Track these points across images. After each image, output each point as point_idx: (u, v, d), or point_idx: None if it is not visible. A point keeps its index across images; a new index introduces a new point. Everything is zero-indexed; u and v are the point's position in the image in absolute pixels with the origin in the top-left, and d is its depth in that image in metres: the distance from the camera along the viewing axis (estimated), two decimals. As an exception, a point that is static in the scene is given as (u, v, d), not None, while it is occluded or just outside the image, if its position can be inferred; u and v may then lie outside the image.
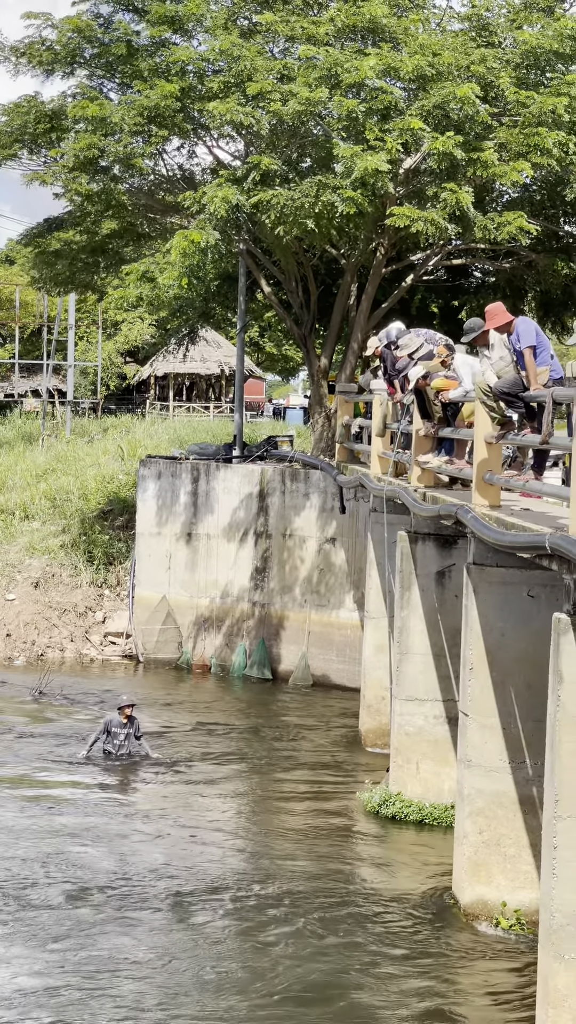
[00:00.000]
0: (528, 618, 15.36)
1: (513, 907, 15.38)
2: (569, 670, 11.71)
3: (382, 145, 23.86)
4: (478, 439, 15.83)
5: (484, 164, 24.35)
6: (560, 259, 28.96)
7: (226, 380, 65.66)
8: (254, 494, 29.78)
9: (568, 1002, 11.66)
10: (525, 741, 15.41)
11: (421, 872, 17.32)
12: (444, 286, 33.44)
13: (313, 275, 30.47)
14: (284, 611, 29.27)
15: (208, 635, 30.01)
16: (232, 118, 24.99)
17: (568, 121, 24.62)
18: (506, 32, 27.23)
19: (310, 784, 21.15)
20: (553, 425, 14.00)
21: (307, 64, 25.24)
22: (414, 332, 20.84)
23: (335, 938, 15.00)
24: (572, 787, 11.73)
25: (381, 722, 22.92)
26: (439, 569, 19.60)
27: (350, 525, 28.39)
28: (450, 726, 19.04)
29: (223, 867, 17.22)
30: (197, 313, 34.69)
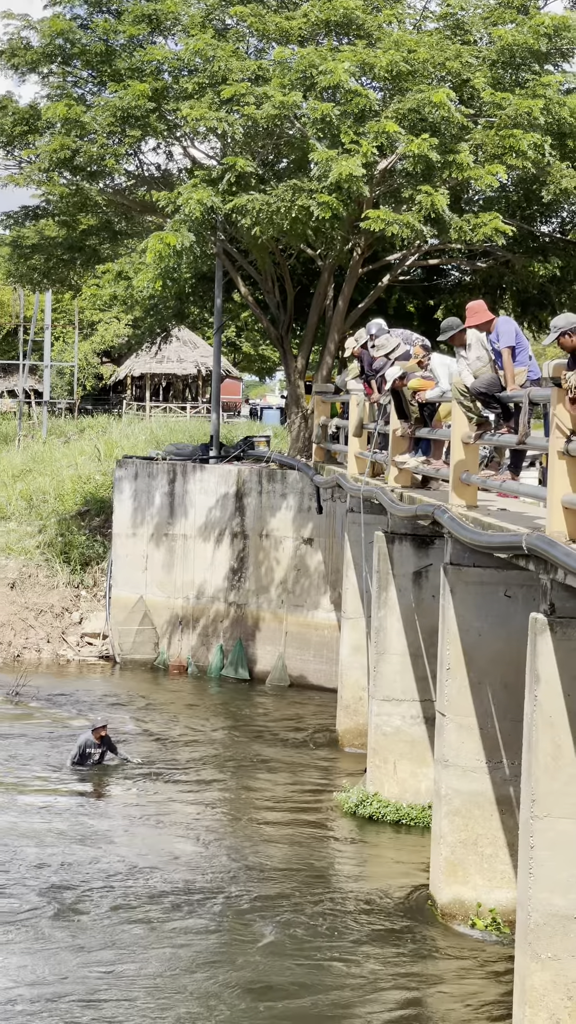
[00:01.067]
0: (505, 618, 15.38)
1: (490, 907, 15.39)
2: (546, 670, 11.73)
3: (357, 148, 23.86)
4: (455, 439, 15.85)
5: (460, 166, 24.37)
6: (536, 259, 29.01)
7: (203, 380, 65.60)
8: (231, 494, 29.77)
9: (545, 1001, 11.68)
10: (502, 741, 15.42)
11: (398, 872, 17.32)
12: (421, 286, 33.46)
13: (290, 275, 30.47)
14: (261, 611, 29.26)
15: (185, 635, 29.98)
16: (206, 124, 24.99)
17: (544, 123, 24.65)
18: (481, 30, 27.26)
19: (287, 784, 21.15)
20: (530, 425, 14.02)
21: (281, 66, 25.22)
22: (391, 332, 20.87)
23: (311, 938, 14.99)
24: (549, 787, 11.75)
25: (358, 722, 22.93)
26: (416, 569, 19.61)
27: (327, 525, 28.39)
28: (427, 726, 19.05)
29: (199, 868, 17.20)
30: (171, 313, 34.64)
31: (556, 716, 11.71)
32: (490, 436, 15.40)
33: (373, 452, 21.78)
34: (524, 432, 13.81)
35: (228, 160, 25.00)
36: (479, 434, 15.50)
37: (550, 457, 11.93)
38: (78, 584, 32.28)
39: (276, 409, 58.20)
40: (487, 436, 15.43)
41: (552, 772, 11.74)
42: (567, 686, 11.67)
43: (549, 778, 11.76)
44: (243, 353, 70.41)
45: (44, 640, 30.64)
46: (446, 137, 24.59)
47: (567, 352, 12.34)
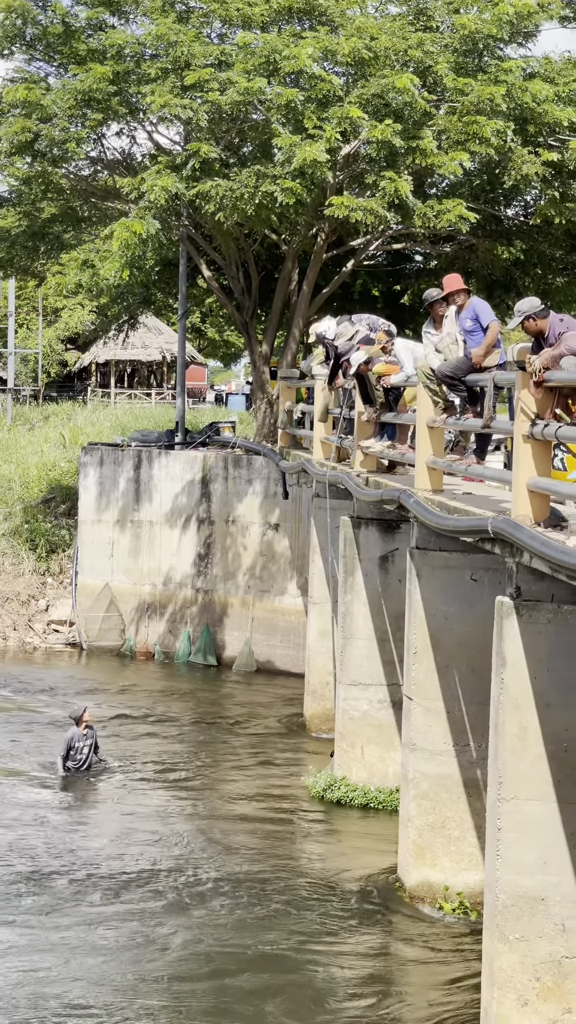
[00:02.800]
0: (471, 602, 15.42)
1: (458, 889, 15.46)
2: (512, 653, 11.77)
3: (321, 134, 23.83)
4: (420, 424, 15.86)
5: (423, 152, 24.37)
6: (500, 243, 29.05)
7: (167, 366, 65.44)
8: (196, 480, 29.74)
9: (513, 983, 11.74)
10: (469, 724, 15.48)
11: (366, 856, 17.37)
12: (385, 271, 33.47)
13: (254, 261, 30.41)
14: (228, 597, 29.26)
15: (151, 622, 29.96)
16: (171, 111, 24.90)
17: (506, 109, 24.67)
18: (444, 16, 27.25)
19: (255, 770, 21.17)
20: (495, 409, 14.05)
21: (244, 52, 25.16)
22: (354, 317, 20.85)
23: (280, 922, 15.04)
24: (516, 769, 11.80)
25: (325, 707, 22.97)
26: (382, 554, 19.64)
27: (293, 511, 28.39)
28: (394, 710, 19.11)
29: (166, 853, 17.21)
30: (137, 300, 34.55)
31: (522, 699, 11.75)
32: (455, 420, 15.42)
33: (339, 437, 21.79)
34: (489, 416, 13.84)
35: (192, 146, 24.92)
36: (444, 418, 15.52)
37: (515, 441, 11.96)
38: (44, 571, 32.21)
39: (241, 395, 58.17)
40: (452, 420, 15.45)
41: (519, 754, 11.79)
42: (533, 669, 11.72)
43: (516, 760, 11.80)
44: (208, 339, 70.27)
45: (10, 628, 30.57)
46: (409, 123, 24.60)
47: (531, 336, 12.37)
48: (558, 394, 11.68)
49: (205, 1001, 13.16)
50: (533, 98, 24.85)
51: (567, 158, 25.43)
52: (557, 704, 11.68)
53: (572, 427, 11.25)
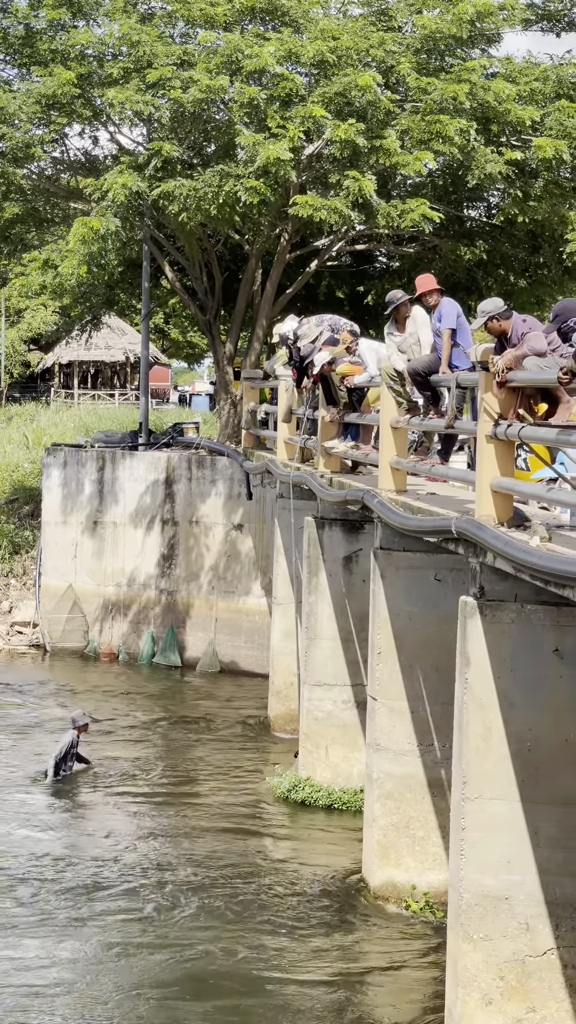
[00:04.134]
0: (435, 602, 15.43)
1: (422, 889, 15.48)
2: (476, 653, 11.79)
3: (284, 133, 23.83)
4: (384, 424, 15.87)
5: (387, 152, 24.40)
6: (463, 243, 29.12)
7: (131, 367, 65.36)
8: (160, 481, 29.69)
9: (477, 982, 11.76)
10: (433, 724, 15.50)
11: (331, 856, 17.37)
12: (349, 272, 33.50)
13: (217, 261, 30.39)
14: (192, 598, 29.22)
15: (115, 623, 29.88)
16: (132, 107, 24.85)
17: (469, 108, 24.73)
18: (406, 16, 27.31)
19: (219, 770, 21.13)
20: (462, 410, 14.07)
21: (207, 50, 25.14)
22: (316, 318, 20.83)
23: (245, 923, 15.01)
24: (480, 768, 11.82)
25: (290, 707, 22.95)
26: (346, 554, 19.65)
27: (257, 511, 28.38)
28: (359, 711, 19.11)
29: (131, 854, 17.16)
30: (101, 300, 34.48)
31: (486, 698, 11.77)
32: (419, 420, 15.43)
33: (302, 438, 21.78)
34: (452, 416, 13.85)
35: (154, 145, 24.89)
36: (408, 418, 15.53)
37: (478, 441, 11.98)
38: (7, 573, 32.10)
39: (205, 395, 58.11)
40: (416, 420, 15.46)
41: (483, 754, 11.81)
42: (497, 668, 11.74)
43: (480, 760, 11.82)
44: (171, 340, 70.12)
45: (-26, 629, 30.45)
46: (372, 122, 24.63)
47: (495, 336, 12.40)
48: (521, 394, 11.71)
49: (167, 1004, 13.12)
50: (495, 97, 24.94)
51: (529, 157, 25.53)
52: (521, 704, 11.70)
53: (535, 427, 11.27)
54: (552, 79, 26.52)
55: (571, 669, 11.65)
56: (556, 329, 10.89)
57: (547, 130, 25.75)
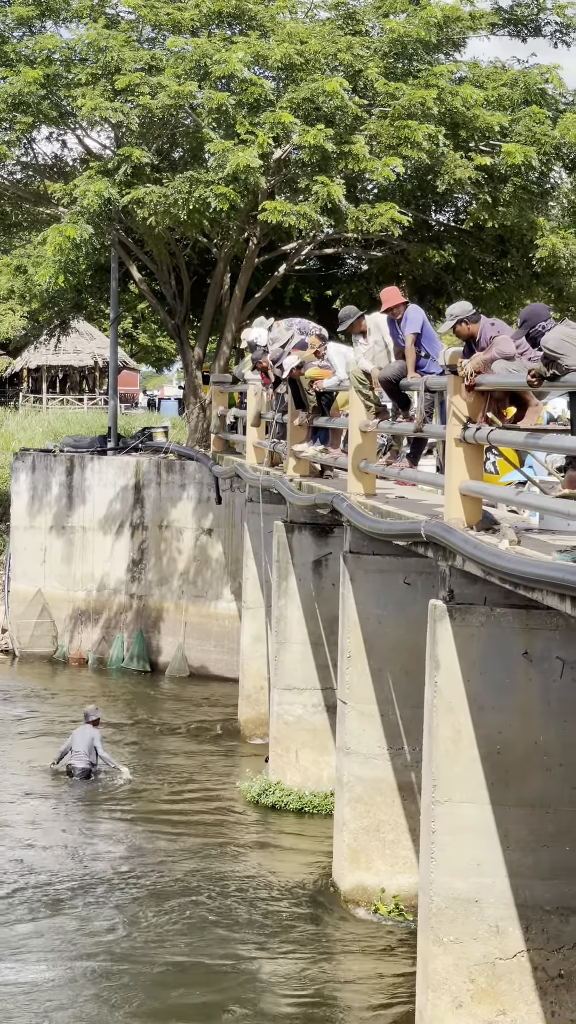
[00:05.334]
0: (405, 605, 15.45)
1: (392, 892, 15.48)
2: (446, 656, 11.80)
3: (253, 139, 23.84)
4: (353, 428, 15.89)
5: (355, 157, 24.43)
6: (431, 247, 29.18)
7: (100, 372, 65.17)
8: (130, 486, 29.65)
9: (447, 985, 11.77)
10: (403, 728, 15.51)
11: (301, 860, 17.36)
12: (317, 275, 33.52)
13: (186, 265, 30.37)
14: (162, 603, 29.19)
15: (85, 628, 29.82)
16: (102, 114, 24.83)
17: (437, 113, 24.78)
18: (373, 21, 27.37)
19: (189, 775, 21.10)
20: (432, 414, 14.09)
21: (175, 56, 25.13)
22: (285, 322, 20.83)
23: (215, 928, 14.99)
24: (450, 771, 11.83)
25: (260, 712, 22.94)
26: (316, 558, 19.65)
27: (227, 516, 28.36)
28: (329, 714, 19.11)
29: (100, 859, 17.11)
30: (69, 304, 34.41)
31: (456, 702, 11.78)
32: (388, 424, 15.45)
33: (272, 442, 21.78)
34: (421, 420, 13.87)
35: (124, 151, 24.86)
36: (377, 422, 15.54)
37: (447, 445, 12.01)
38: (-24, 578, 31.98)
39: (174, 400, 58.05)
40: (385, 424, 15.48)
41: (453, 757, 11.82)
42: (466, 672, 11.75)
43: (450, 763, 11.84)
44: (140, 344, 70.07)
45: (-58, 635, 30.35)
46: (341, 127, 24.66)
47: (463, 340, 12.42)
48: (489, 398, 11.74)
49: (138, 1008, 13.09)
50: (463, 102, 25.00)
51: (498, 162, 25.60)
52: (490, 707, 11.72)
53: (504, 431, 11.30)
54: (520, 84, 26.63)
55: (540, 672, 11.68)
56: (524, 334, 10.93)
57: (516, 135, 25.84)
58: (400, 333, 15.27)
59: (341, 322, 16.99)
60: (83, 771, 20.49)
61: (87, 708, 21.62)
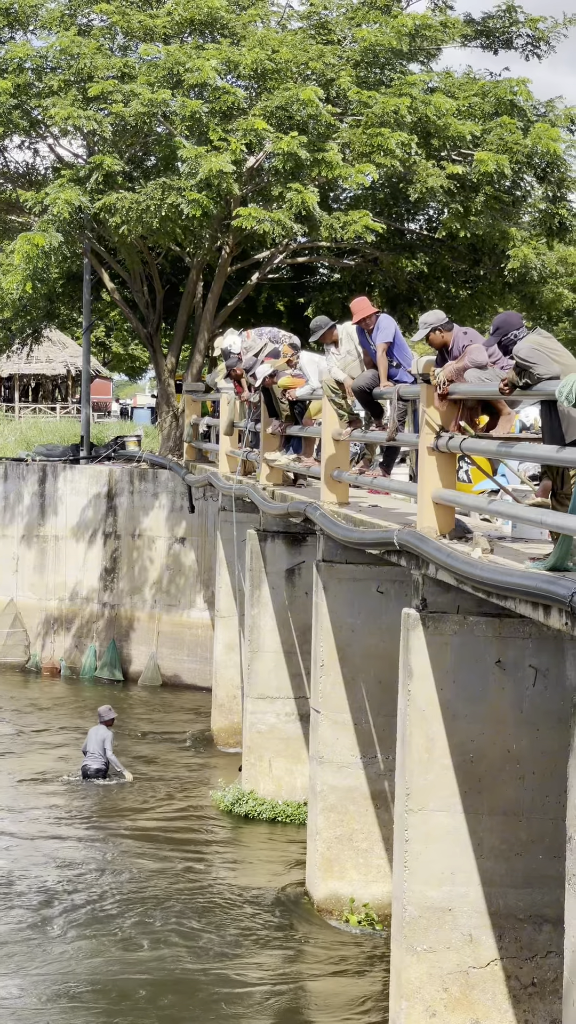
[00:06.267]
0: (378, 614, 15.45)
1: (366, 901, 15.47)
2: (419, 665, 11.80)
3: (226, 146, 23.85)
4: (326, 436, 15.90)
5: (329, 164, 24.47)
6: (404, 256, 29.23)
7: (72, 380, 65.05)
8: (102, 494, 29.60)
9: (421, 994, 11.76)
10: (376, 736, 15.51)
11: (275, 869, 17.34)
12: (290, 284, 33.54)
13: (159, 274, 30.35)
14: (134, 611, 29.12)
15: (57, 637, 29.74)
16: (75, 123, 24.80)
17: (410, 122, 24.85)
18: (345, 30, 27.44)
19: (163, 784, 21.05)
20: (404, 423, 14.10)
21: (148, 63, 25.14)
22: (256, 331, 20.84)
23: (187, 938, 14.95)
24: (423, 780, 11.83)
25: (233, 721, 22.91)
26: (289, 567, 19.65)
27: (199, 524, 28.33)
28: (302, 723, 19.10)
29: (71, 869, 17.04)
30: (41, 313, 34.34)
31: (429, 710, 11.79)
32: (360, 432, 15.46)
33: (244, 450, 21.78)
34: (394, 428, 13.88)
35: (95, 159, 24.84)
36: (350, 430, 15.55)
37: (420, 453, 12.01)
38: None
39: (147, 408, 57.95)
40: (357, 433, 15.49)
41: (426, 765, 11.82)
42: (439, 680, 11.76)
43: (423, 771, 11.83)
44: (113, 353, 69.95)
45: None
46: (314, 135, 24.69)
47: (436, 348, 12.43)
48: (462, 407, 11.75)
49: (107, 1019, 13.03)
50: (436, 111, 25.07)
51: (470, 171, 25.67)
52: (463, 715, 11.73)
53: (476, 439, 11.31)
54: (491, 95, 26.74)
55: (513, 680, 11.69)
56: (496, 342, 10.94)
57: (488, 145, 25.94)
58: (371, 342, 15.27)
59: (313, 332, 16.99)
60: (96, 771, 20.86)
61: (101, 708, 21.89)
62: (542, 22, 29.14)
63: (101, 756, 20.86)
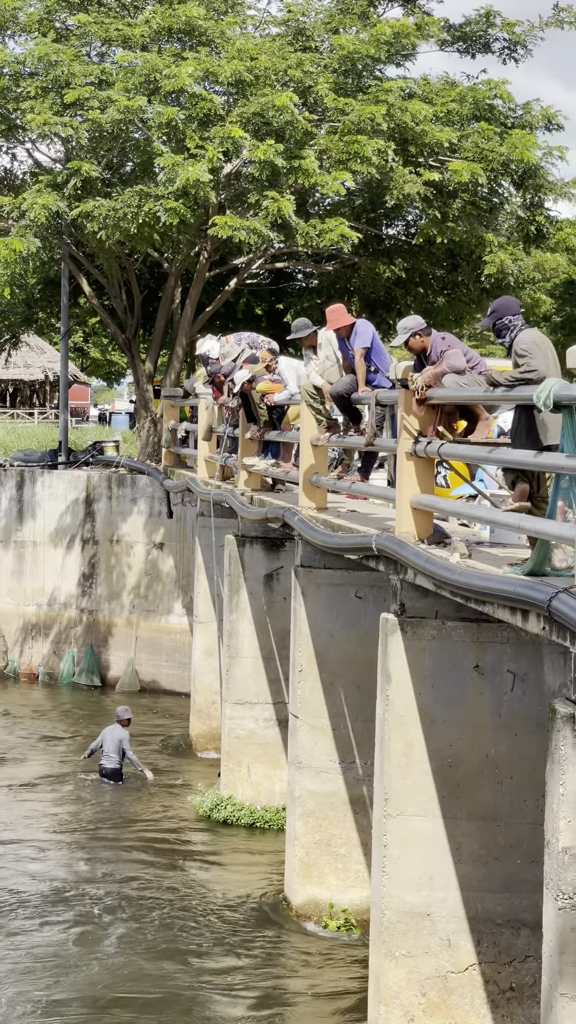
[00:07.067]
0: (356, 619, 15.46)
1: (345, 906, 15.47)
2: (397, 670, 11.81)
3: (203, 153, 23.86)
4: (304, 442, 15.90)
5: (305, 172, 24.48)
6: (382, 262, 29.27)
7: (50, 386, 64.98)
8: (80, 500, 29.55)
9: (399, 999, 11.76)
10: (355, 741, 15.51)
11: (253, 875, 17.32)
12: (268, 289, 33.56)
13: (137, 280, 30.34)
14: (113, 617, 29.09)
15: (35, 643, 29.67)
16: (51, 129, 24.78)
17: (387, 129, 24.88)
18: (323, 37, 27.46)
19: (140, 790, 21.01)
20: (382, 428, 14.11)
21: (125, 70, 25.14)
22: (235, 337, 20.83)
23: (167, 943, 14.93)
24: (401, 785, 11.84)
25: (211, 726, 22.90)
26: (267, 572, 19.65)
27: (178, 530, 28.31)
28: (280, 729, 19.10)
29: (49, 876, 17.01)
30: (19, 319, 34.29)
31: (407, 715, 11.80)
32: (339, 438, 15.46)
33: (223, 456, 21.77)
34: (372, 434, 13.89)
35: (73, 165, 24.82)
36: (328, 436, 15.55)
37: (398, 458, 12.03)
38: None
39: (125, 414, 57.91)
40: (335, 438, 15.49)
41: (404, 770, 11.83)
42: (418, 685, 11.77)
43: (401, 776, 11.84)
44: (91, 358, 69.90)
45: None
46: (291, 142, 24.71)
47: (414, 354, 12.44)
48: (440, 412, 11.77)
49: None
50: (413, 118, 25.11)
51: (447, 178, 25.72)
52: (441, 720, 11.74)
53: (454, 444, 11.33)
54: (468, 100, 26.80)
55: (491, 685, 11.71)
56: (492, 324, 10.82)
57: (464, 151, 25.98)
58: (349, 348, 15.28)
59: (294, 331, 16.99)
60: (112, 771, 21.05)
61: (119, 708, 21.99)
62: (519, 26, 29.23)
63: (118, 756, 21.02)
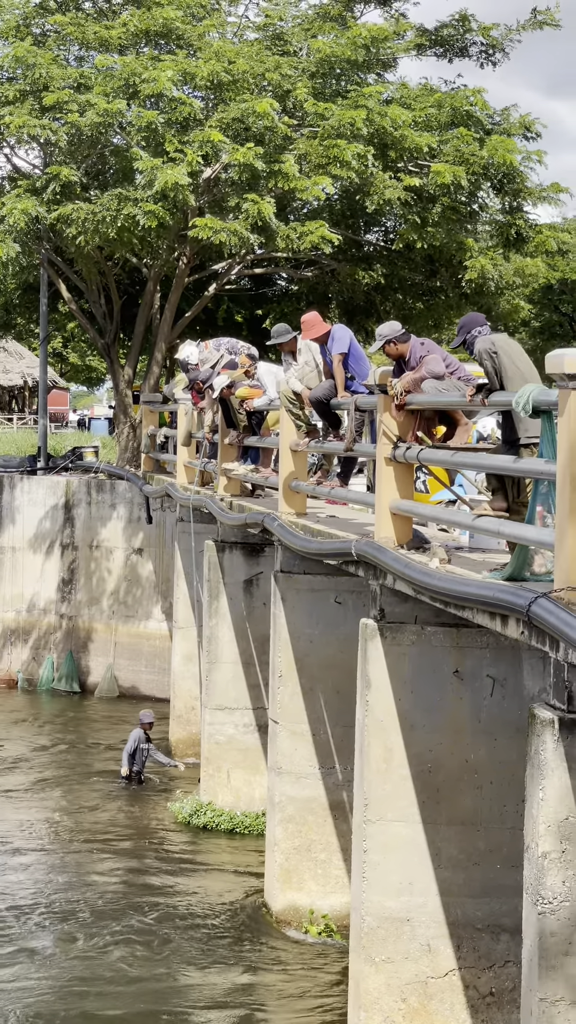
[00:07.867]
0: (336, 624, 15.46)
1: (325, 912, 15.45)
2: (377, 675, 11.81)
3: (182, 157, 23.85)
4: (283, 447, 15.89)
5: (285, 176, 24.51)
6: (361, 267, 29.29)
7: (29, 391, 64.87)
8: (59, 505, 29.49)
9: (379, 1004, 11.75)
10: (335, 747, 15.50)
11: (233, 881, 17.30)
12: (248, 295, 33.56)
13: (116, 285, 30.31)
14: (92, 623, 29.02)
15: (14, 649, 29.58)
16: (29, 132, 24.76)
17: (366, 133, 24.92)
18: (300, 41, 27.50)
19: (119, 796, 20.97)
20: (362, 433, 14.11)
21: (104, 74, 25.14)
22: (215, 342, 20.82)
23: (146, 950, 14.89)
24: (381, 790, 11.83)
25: (191, 732, 22.88)
26: (247, 577, 19.64)
27: (157, 535, 28.28)
28: (260, 734, 19.08)
29: (27, 883, 16.95)
30: (-3, 325, 34.30)
31: (387, 720, 11.80)
32: (318, 443, 15.46)
33: (202, 461, 21.76)
34: (352, 439, 13.90)
35: (52, 169, 24.80)
36: (307, 441, 15.55)
37: (378, 464, 12.03)
38: None
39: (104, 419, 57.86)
40: (315, 443, 15.49)
41: (384, 775, 11.83)
42: (397, 690, 11.77)
43: (381, 781, 11.84)
44: (70, 363, 69.83)
45: None
46: (270, 147, 24.73)
47: (392, 359, 12.45)
48: (420, 417, 11.78)
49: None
50: (392, 123, 25.15)
51: (427, 183, 25.76)
52: (421, 725, 11.74)
53: (434, 450, 11.34)
54: (447, 106, 26.85)
55: (471, 690, 11.72)
56: (462, 340, 10.88)
57: (444, 156, 26.03)
58: (328, 353, 15.28)
59: (274, 337, 16.99)
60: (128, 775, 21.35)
61: (142, 712, 22.18)
62: (495, 29, 29.31)
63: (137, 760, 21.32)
